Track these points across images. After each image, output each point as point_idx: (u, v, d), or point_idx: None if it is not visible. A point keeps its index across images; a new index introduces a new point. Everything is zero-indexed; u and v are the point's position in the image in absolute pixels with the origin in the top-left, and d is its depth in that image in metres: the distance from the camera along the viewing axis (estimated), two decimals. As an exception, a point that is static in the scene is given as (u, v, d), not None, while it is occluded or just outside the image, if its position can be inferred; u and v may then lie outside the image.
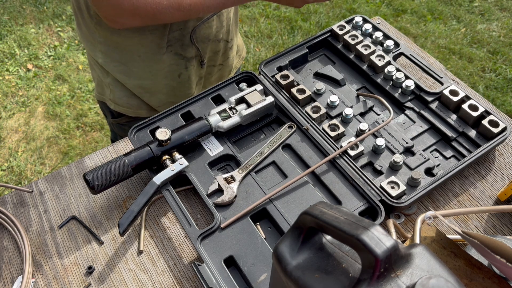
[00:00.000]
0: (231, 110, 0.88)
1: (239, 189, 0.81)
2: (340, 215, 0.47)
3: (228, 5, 0.91)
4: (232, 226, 0.76)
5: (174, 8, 0.87)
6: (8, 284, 0.76)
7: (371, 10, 2.87)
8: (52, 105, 2.38)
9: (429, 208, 0.81)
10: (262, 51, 2.64)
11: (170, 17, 0.89)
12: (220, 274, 0.70)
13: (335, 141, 0.86)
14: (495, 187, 0.83)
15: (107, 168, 0.77)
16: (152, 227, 0.81)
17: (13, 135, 2.27)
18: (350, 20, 1.06)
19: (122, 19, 0.89)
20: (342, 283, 0.46)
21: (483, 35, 2.69)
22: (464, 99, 0.88)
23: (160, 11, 0.87)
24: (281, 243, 0.51)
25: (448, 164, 0.83)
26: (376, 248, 0.42)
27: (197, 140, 0.86)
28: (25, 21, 2.82)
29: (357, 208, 0.77)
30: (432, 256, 0.46)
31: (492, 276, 0.63)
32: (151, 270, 0.77)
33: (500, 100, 2.37)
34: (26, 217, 0.84)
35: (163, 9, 0.87)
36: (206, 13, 0.93)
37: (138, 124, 0.89)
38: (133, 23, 0.91)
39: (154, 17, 0.88)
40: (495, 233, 0.77)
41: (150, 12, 0.87)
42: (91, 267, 0.77)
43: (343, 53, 1.01)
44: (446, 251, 0.66)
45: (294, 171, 0.83)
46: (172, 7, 0.87)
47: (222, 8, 0.92)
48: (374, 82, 0.96)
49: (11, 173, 2.12)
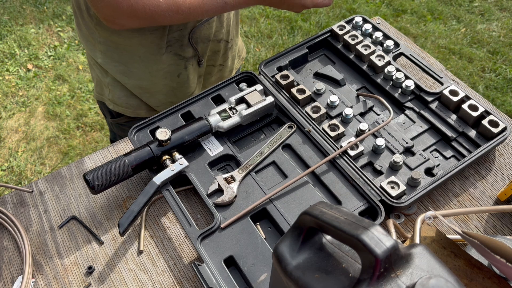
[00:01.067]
0: (231, 110, 0.88)
1: (239, 189, 0.81)
2: (340, 215, 0.47)
3: (227, 9, 0.91)
4: (232, 226, 0.76)
5: (173, 11, 0.86)
6: (8, 284, 0.76)
7: (371, 10, 2.87)
8: (52, 105, 2.38)
9: (429, 208, 0.81)
10: (262, 51, 2.64)
11: (169, 19, 0.89)
12: (220, 274, 0.70)
13: (335, 141, 0.86)
14: (495, 187, 0.83)
15: (107, 168, 0.77)
16: (152, 227, 0.81)
17: (13, 135, 2.27)
18: (350, 20, 1.06)
19: (120, 20, 0.88)
20: (342, 283, 0.46)
21: (483, 35, 2.69)
22: (464, 99, 0.88)
23: (158, 13, 0.86)
24: (281, 243, 0.51)
25: (448, 164, 0.83)
26: (376, 248, 0.42)
27: (197, 140, 0.86)
28: (25, 21, 2.82)
29: (357, 208, 0.77)
30: (432, 256, 0.46)
31: (492, 276, 0.63)
32: (151, 270, 0.77)
33: (500, 100, 2.37)
34: (26, 217, 0.84)
35: (161, 11, 0.86)
36: (205, 17, 0.92)
37: (138, 124, 0.89)
38: (132, 25, 0.90)
39: (153, 19, 0.88)
40: (495, 233, 0.77)
41: (148, 14, 0.86)
42: (91, 267, 0.77)
43: (343, 53, 1.01)
44: (446, 251, 0.66)
45: (294, 171, 0.83)
46: (171, 10, 0.86)
47: (221, 12, 0.92)
48: (374, 82, 0.96)
49: (11, 173, 2.12)
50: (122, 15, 0.86)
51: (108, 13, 0.87)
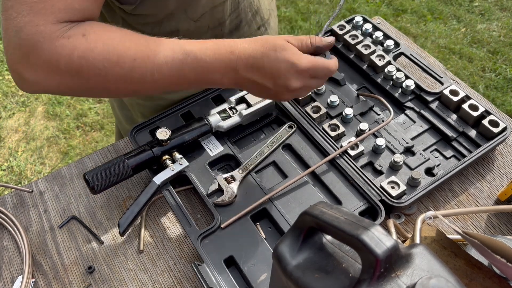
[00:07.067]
0: (231, 110, 0.88)
1: (239, 189, 0.81)
2: (340, 215, 0.47)
3: (185, 72, 0.68)
4: (232, 226, 0.76)
5: (111, 61, 0.63)
6: (8, 284, 0.76)
7: (371, 10, 2.87)
8: (52, 105, 2.38)
9: (429, 208, 0.80)
10: (262, 51, 2.64)
11: (103, 75, 0.63)
12: (220, 274, 0.70)
13: (335, 141, 0.86)
14: (495, 187, 0.83)
15: (107, 168, 0.77)
16: (152, 227, 0.81)
17: (13, 135, 2.27)
18: (350, 20, 1.06)
19: (32, 73, 0.61)
20: (342, 283, 0.46)
21: (483, 35, 2.69)
22: (464, 99, 0.88)
23: (90, 63, 0.62)
24: (281, 243, 0.51)
25: (448, 164, 0.83)
26: (376, 248, 0.42)
27: (197, 140, 0.86)
28: (25, 21, 2.81)
29: (357, 208, 0.77)
30: (432, 256, 0.46)
31: (492, 276, 0.63)
32: (151, 270, 0.77)
33: (500, 100, 2.37)
34: (26, 217, 0.84)
35: (94, 61, 0.62)
36: (159, 84, 0.68)
37: (138, 124, 0.89)
38: (48, 82, 0.63)
39: (79, 73, 0.63)
40: (495, 233, 0.77)
41: (76, 63, 0.61)
42: (91, 267, 0.77)
43: (343, 53, 1.01)
44: (446, 251, 0.66)
45: (294, 171, 0.83)
46: (107, 60, 0.62)
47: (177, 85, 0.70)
48: (374, 82, 0.95)
49: (11, 173, 2.12)
50: (36, 64, 0.60)
51: (18, 58, 0.61)
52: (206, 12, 0.84)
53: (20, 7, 0.59)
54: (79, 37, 0.61)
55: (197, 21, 0.85)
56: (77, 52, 0.61)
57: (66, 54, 0.61)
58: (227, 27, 0.91)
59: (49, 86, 0.64)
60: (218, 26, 0.89)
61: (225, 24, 0.90)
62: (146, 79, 0.66)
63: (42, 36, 0.59)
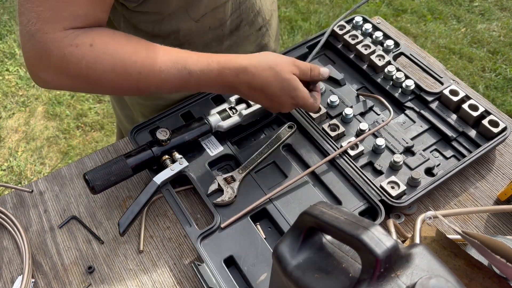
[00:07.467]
0: (231, 110, 0.88)
1: (239, 189, 0.81)
2: (340, 215, 0.47)
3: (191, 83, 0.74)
4: (232, 226, 0.76)
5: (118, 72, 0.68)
6: (8, 284, 0.76)
7: (371, 10, 2.87)
8: (52, 105, 2.38)
9: (429, 208, 0.80)
10: (262, 51, 2.64)
11: (110, 84, 0.70)
12: (220, 274, 0.70)
13: (335, 141, 0.86)
14: (495, 187, 0.83)
15: (107, 168, 0.77)
16: (152, 227, 0.81)
17: (13, 135, 2.27)
18: (350, 20, 1.06)
19: (45, 73, 0.68)
20: (342, 283, 0.46)
21: (483, 35, 2.68)
22: (464, 99, 0.88)
23: (97, 72, 0.67)
24: (281, 243, 0.51)
25: (448, 164, 0.83)
26: (376, 248, 0.42)
27: (197, 140, 0.86)
28: (25, 21, 2.81)
29: (357, 208, 0.77)
30: (432, 256, 0.46)
31: (492, 276, 0.63)
32: (151, 270, 0.77)
33: (500, 100, 2.36)
34: (26, 217, 0.84)
35: (102, 70, 0.67)
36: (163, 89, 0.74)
37: (138, 124, 0.89)
38: (59, 83, 0.70)
39: (87, 80, 0.68)
40: (495, 233, 0.77)
41: (83, 70, 0.67)
42: (91, 267, 0.77)
43: (343, 53, 1.01)
44: (446, 251, 0.66)
45: (294, 171, 0.83)
46: (114, 71, 0.68)
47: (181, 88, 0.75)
48: (374, 82, 0.95)
49: (11, 173, 2.12)
50: (48, 67, 0.66)
51: (32, 61, 0.67)
52: (207, 12, 0.85)
53: (30, 15, 0.63)
54: (86, 47, 0.66)
55: (198, 21, 0.86)
56: (85, 61, 0.66)
57: (74, 62, 0.66)
58: (227, 27, 0.92)
59: (61, 85, 0.71)
60: (219, 27, 0.90)
61: (226, 24, 0.91)
62: (151, 90, 0.73)
63: (52, 44, 0.64)
